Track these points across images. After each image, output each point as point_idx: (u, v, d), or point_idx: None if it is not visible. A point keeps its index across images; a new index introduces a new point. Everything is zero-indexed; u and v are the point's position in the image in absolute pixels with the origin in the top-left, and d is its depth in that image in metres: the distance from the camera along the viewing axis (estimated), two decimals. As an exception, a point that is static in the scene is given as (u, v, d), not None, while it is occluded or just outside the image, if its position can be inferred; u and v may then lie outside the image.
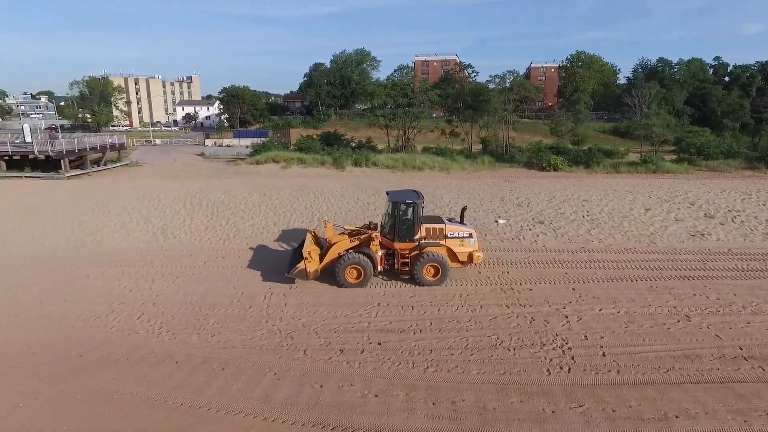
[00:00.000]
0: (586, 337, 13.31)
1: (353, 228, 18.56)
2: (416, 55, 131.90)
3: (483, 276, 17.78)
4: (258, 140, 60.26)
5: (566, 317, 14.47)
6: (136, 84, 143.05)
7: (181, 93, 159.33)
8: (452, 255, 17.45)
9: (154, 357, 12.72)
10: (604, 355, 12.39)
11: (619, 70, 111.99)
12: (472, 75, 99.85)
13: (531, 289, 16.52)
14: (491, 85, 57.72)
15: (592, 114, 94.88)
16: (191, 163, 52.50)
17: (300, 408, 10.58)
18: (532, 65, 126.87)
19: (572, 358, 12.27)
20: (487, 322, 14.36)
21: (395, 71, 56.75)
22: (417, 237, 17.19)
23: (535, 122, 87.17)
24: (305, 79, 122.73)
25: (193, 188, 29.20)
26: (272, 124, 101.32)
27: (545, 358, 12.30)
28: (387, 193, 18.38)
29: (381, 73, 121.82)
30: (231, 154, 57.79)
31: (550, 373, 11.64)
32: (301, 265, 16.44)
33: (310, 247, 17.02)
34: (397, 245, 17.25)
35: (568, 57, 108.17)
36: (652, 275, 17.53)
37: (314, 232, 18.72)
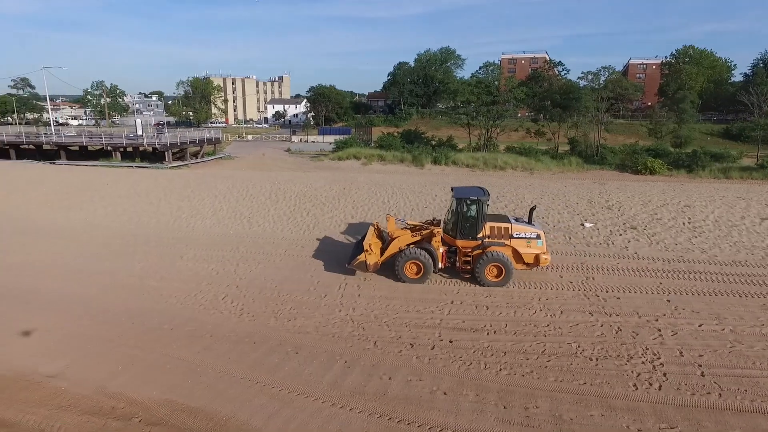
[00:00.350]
0: (681, 353, 12.02)
1: (416, 223, 18.32)
2: (503, 53, 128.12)
3: (565, 280, 16.76)
4: (341, 137, 61.93)
5: (659, 330, 13.19)
6: (233, 83, 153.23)
7: (273, 92, 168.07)
8: (517, 256, 16.65)
9: (235, 336, 13.43)
10: (702, 375, 11.11)
11: (734, 65, 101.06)
12: (563, 73, 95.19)
13: (618, 298, 15.28)
14: (583, 83, 54.37)
15: (698, 114, 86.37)
16: (278, 157, 55.19)
17: (367, 398, 10.60)
18: (631, 62, 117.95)
19: (664, 374, 11.14)
20: (567, 328, 13.50)
21: (480, 68, 55.45)
22: (480, 235, 16.65)
23: (630, 123, 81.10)
24: (389, 78, 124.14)
25: (279, 180, 30.62)
26: (355, 122, 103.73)
27: (632, 372, 11.28)
28: (452, 189, 17.87)
29: (465, 72, 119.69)
30: (315, 150, 59.93)
31: (637, 389, 10.66)
32: (361, 257, 16.57)
33: (371, 240, 17.12)
34: (460, 243, 16.81)
35: (674, 52, 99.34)
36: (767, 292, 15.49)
37: (377, 226, 18.80)
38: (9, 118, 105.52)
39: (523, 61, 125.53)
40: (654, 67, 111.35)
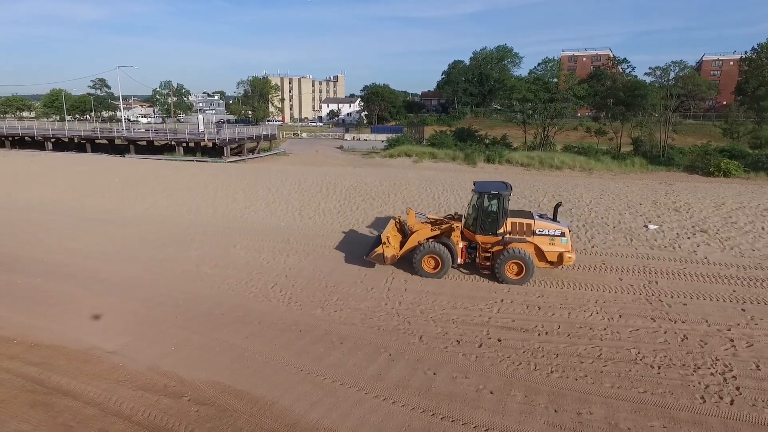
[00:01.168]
0: (758, 366, 10.93)
1: (437, 217, 17.97)
2: (563, 51, 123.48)
3: (625, 283, 15.76)
4: (393, 136, 61.99)
5: (731, 341, 12.07)
6: (289, 83, 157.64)
7: (328, 91, 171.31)
8: (540, 254, 15.93)
9: (282, 323, 13.60)
10: (782, 391, 10.03)
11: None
12: (627, 70, 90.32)
13: (685, 304, 14.16)
14: (650, 79, 51.10)
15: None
16: (330, 154, 56.02)
17: (411, 392, 10.38)
18: (705, 58, 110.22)
19: (737, 388, 10.15)
20: (626, 333, 12.65)
21: (539, 65, 53.11)
22: (501, 231, 16.06)
23: (701, 124, 75.83)
24: (443, 76, 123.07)
25: (330, 175, 31.01)
26: (408, 120, 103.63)
27: (699, 383, 10.37)
28: (474, 184, 17.22)
29: (522, 70, 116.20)
30: (366, 148, 60.36)
31: (705, 401, 9.77)
32: (379, 249, 16.48)
33: (389, 233, 17.08)
34: (480, 238, 16.32)
35: (755, 47, 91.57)
36: None
37: (399, 219, 18.65)
38: (87, 116, 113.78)
39: (584, 59, 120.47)
40: (731, 63, 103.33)
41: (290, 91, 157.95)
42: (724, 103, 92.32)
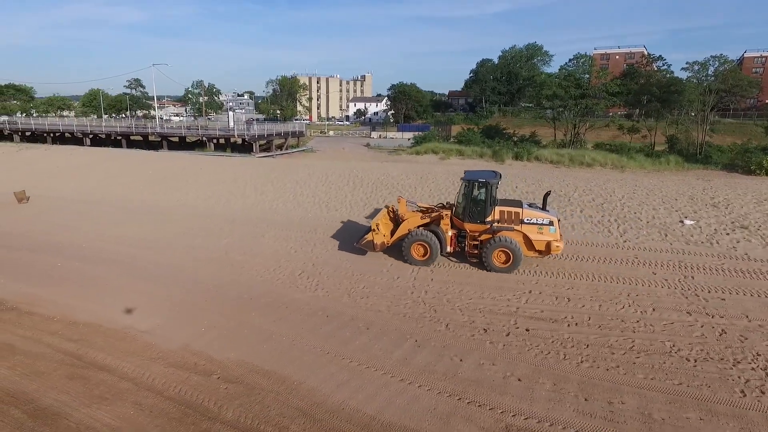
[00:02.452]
0: (802, 362, 10.43)
1: (427, 206, 18.22)
2: (595, 48, 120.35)
3: (659, 278, 15.28)
4: (419, 133, 61.82)
5: (773, 336, 11.57)
6: (317, 82, 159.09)
7: (355, 91, 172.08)
8: (528, 242, 16.07)
9: (309, 309, 13.74)
10: (830, 388, 9.55)
11: None
12: (662, 68, 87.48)
13: (723, 299, 13.63)
14: (688, 73, 49.08)
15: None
16: (357, 151, 56.27)
17: (437, 376, 10.33)
18: (746, 54, 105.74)
19: (780, 383, 9.71)
20: (660, 326, 12.26)
21: (570, 60, 51.84)
22: (489, 219, 16.27)
23: (741, 123, 72.72)
24: (471, 75, 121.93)
25: (356, 169, 31.13)
26: (434, 119, 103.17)
27: (739, 378, 9.96)
28: (464, 173, 17.35)
29: (553, 68, 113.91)
30: (393, 146, 60.34)
31: (745, 395, 9.38)
32: (368, 236, 16.93)
33: (379, 220, 17.57)
34: (468, 226, 16.57)
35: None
36: None
37: (392, 208, 18.90)
38: (123, 114, 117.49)
39: (617, 57, 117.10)
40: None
41: (317, 91, 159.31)
42: (767, 101, 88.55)
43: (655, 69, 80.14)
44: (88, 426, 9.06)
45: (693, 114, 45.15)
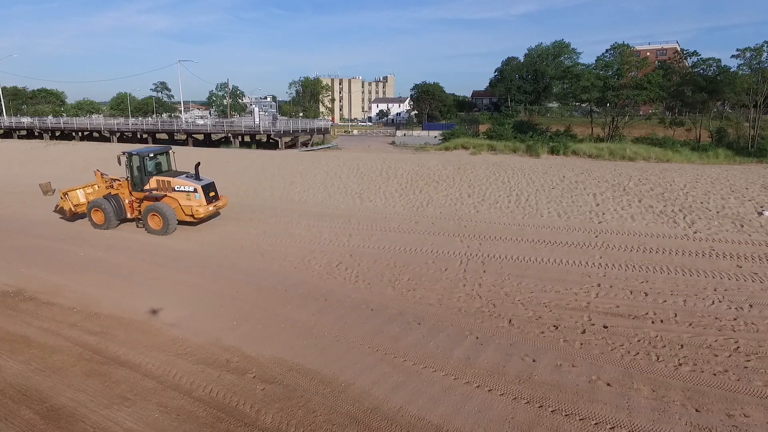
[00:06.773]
0: None
1: (116, 177, 20.20)
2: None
3: (745, 271, 13.39)
4: (447, 130, 60.12)
5: None
6: (340, 84, 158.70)
7: (377, 92, 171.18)
8: (186, 209, 18.35)
9: (350, 301, 12.32)
10: None
11: None
12: (698, 61, 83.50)
13: (833, 295, 11.70)
14: (739, 61, 45.51)
15: None
16: (383, 149, 54.88)
17: (509, 379, 8.75)
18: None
19: None
20: (764, 325, 10.44)
21: (607, 51, 49.06)
22: (148, 188, 18.70)
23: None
24: (496, 74, 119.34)
25: (388, 160, 29.66)
26: (459, 119, 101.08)
27: None
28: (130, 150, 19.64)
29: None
30: (418, 144, 58.76)
31: None
32: (60, 203, 20.35)
33: (68, 189, 20.37)
34: (135, 195, 19.15)
35: None
36: None
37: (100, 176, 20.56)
38: (150, 117, 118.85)
39: (648, 53, 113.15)
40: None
41: (340, 92, 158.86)
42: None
43: (687, 65, 76.59)
44: (106, 429, 7.78)
45: (742, 106, 42.19)
